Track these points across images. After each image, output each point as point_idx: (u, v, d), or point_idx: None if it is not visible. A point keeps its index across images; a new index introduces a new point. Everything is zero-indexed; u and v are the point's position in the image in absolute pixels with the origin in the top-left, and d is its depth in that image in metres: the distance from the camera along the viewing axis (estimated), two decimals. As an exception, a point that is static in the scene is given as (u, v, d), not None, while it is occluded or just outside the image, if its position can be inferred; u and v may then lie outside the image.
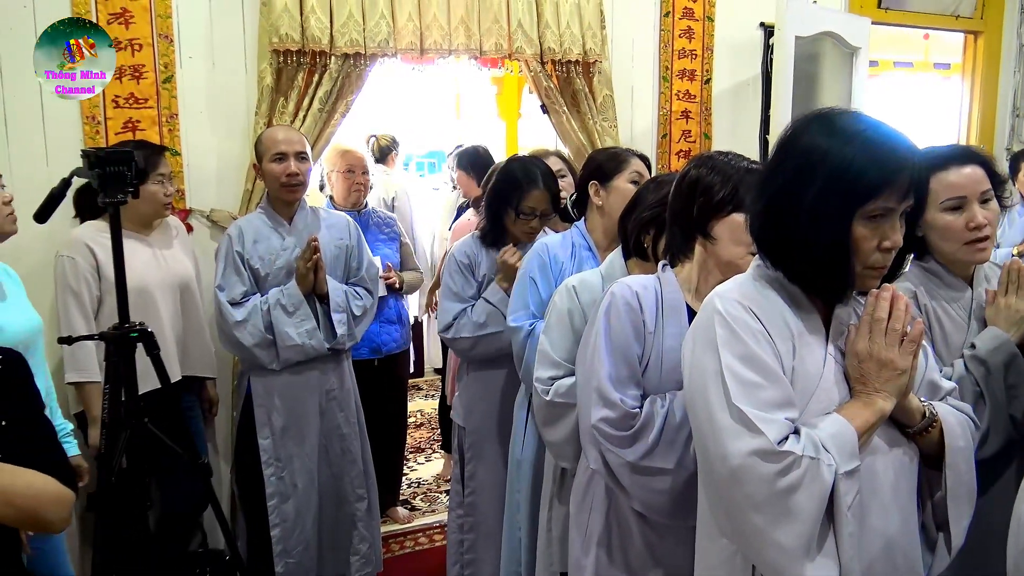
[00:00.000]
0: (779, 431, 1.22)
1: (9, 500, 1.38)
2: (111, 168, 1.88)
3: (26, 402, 1.51)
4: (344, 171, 3.54)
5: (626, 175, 2.34)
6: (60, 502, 1.48)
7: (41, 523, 1.46)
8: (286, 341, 2.72)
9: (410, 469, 4.46)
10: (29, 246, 2.76)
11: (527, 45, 3.45)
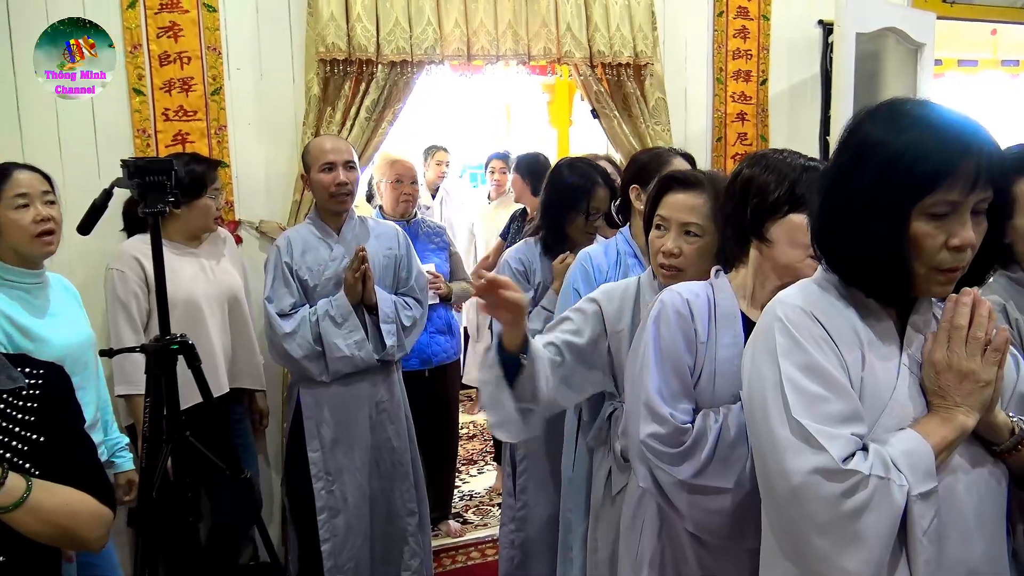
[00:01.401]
0: (844, 447, 1.12)
1: (45, 518, 1.36)
2: (151, 178, 1.87)
3: (66, 418, 1.49)
4: (393, 181, 3.51)
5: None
6: (97, 520, 1.45)
7: (77, 541, 1.43)
8: (335, 352, 2.68)
9: (462, 482, 4.40)
10: (83, 258, 2.80)
11: (576, 49, 3.38)
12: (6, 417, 1.40)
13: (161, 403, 1.93)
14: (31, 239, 2.10)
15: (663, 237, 1.84)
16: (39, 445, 1.42)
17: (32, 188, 2.12)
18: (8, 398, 1.42)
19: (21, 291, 2.12)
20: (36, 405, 1.44)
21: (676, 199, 1.83)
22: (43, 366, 1.51)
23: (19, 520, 1.33)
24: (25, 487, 1.34)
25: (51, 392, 1.47)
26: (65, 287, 2.33)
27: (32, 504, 1.34)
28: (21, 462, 1.38)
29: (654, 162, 2.28)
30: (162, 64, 2.95)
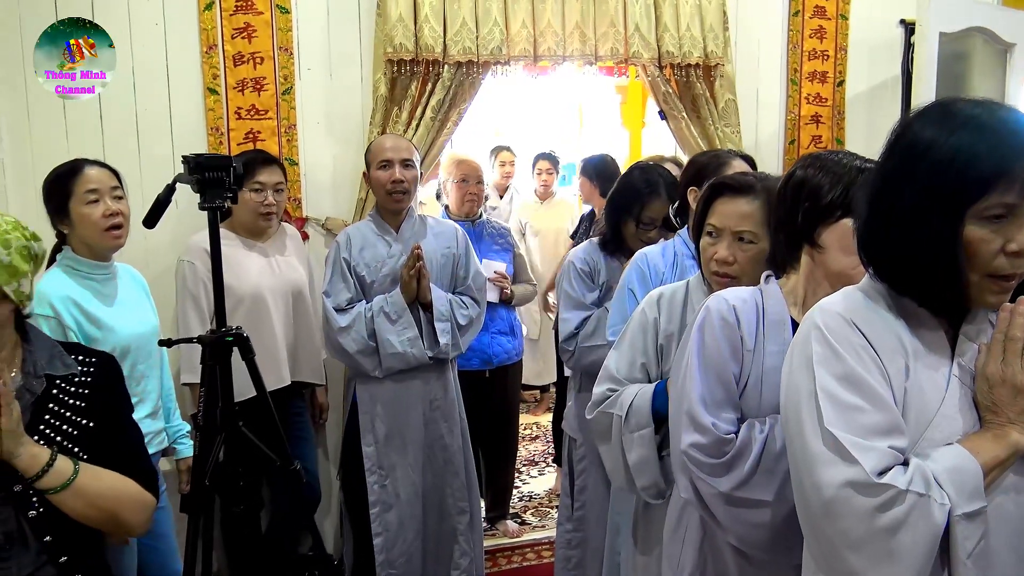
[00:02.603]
0: (878, 461, 1.07)
1: (90, 501, 1.42)
2: (209, 174, 1.92)
3: (115, 405, 1.55)
4: (459, 180, 3.53)
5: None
6: (140, 506, 1.50)
7: (120, 525, 1.48)
8: (388, 349, 2.71)
9: (522, 482, 4.40)
10: (157, 251, 2.90)
11: (644, 49, 3.34)
12: (58, 402, 1.47)
13: (215, 393, 1.99)
14: (100, 233, 2.19)
15: (715, 244, 1.79)
16: (88, 430, 1.48)
17: (102, 184, 2.21)
18: (61, 384, 1.48)
19: (92, 281, 2.22)
20: (87, 392, 1.50)
21: (727, 206, 1.78)
22: (95, 355, 1.57)
23: (65, 501, 1.39)
24: (72, 470, 1.40)
25: (101, 380, 1.54)
26: (134, 278, 2.43)
27: (78, 487, 1.40)
28: (70, 446, 1.45)
29: (712, 164, 2.23)
30: (236, 64, 3.04)
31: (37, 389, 1.45)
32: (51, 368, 1.48)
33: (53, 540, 1.41)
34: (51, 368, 1.48)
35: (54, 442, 1.43)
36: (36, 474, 1.36)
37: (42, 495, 1.38)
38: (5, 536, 1.37)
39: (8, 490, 1.38)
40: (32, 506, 1.39)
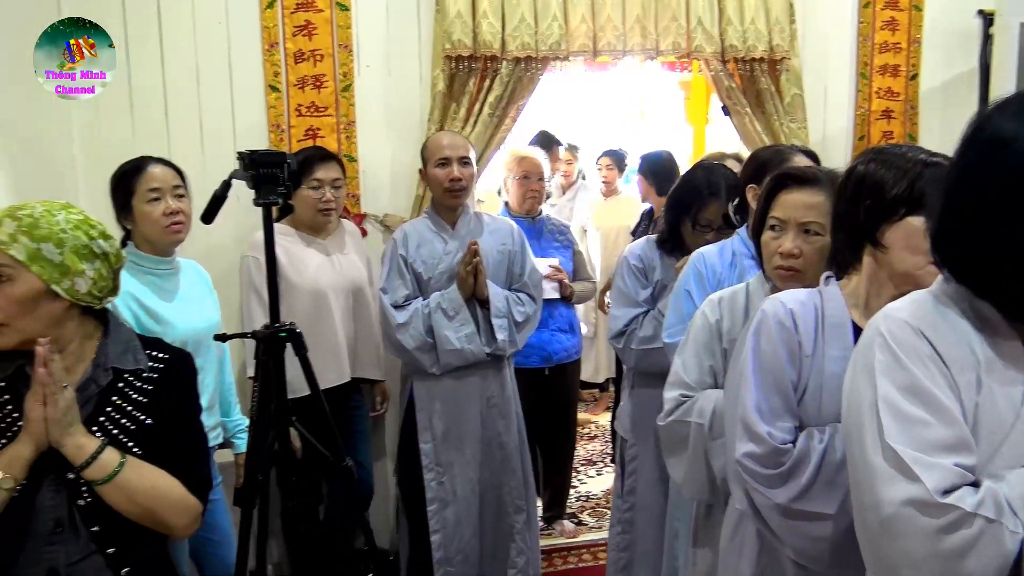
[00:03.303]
0: (943, 479, 1.01)
1: (131, 497, 1.43)
2: (264, 170, 1.93)
3: (179, 406, 1.56)
4: (520, 177, 3.51)
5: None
6: (182, 509, 1.50)
7: (161, 524, 1.49)
8: (445, 345, 2.71)
9: (579, 482, 4.36)
10: (222, 247, 2.95)
11: (707, 43, 3.27)
12: (122, 396, 1.48)
13: (269, 388, 2.00)
14: (161, 230, 2.23)
15: (779, 238, 1.73)
16: (146, 427, 1.48)
17: (164, 182, 2.25)
18: (128, 378, 1.50)
19: (153, 276, 2.26)
20: (152, 388, 1.51)
21: (793, 197, 1.71)
22: (170, 352, 1.58)
23: (107, 494, 1.41)
24: (117, 464, 1.41)
25: (170, 378, 1.54)
26: (198, 274, 2.47)
27: (120, 481, 1.41)
28: (126, 440, 1.46)
29: (774, 160, 2.15)
30: (296, 61, 3.07)
31: (102, 381, 1.47)
32: (121, 362, 1.49)
33: (101, 530, 1.43)
34: (121, 362, 1.49)
35: (110, 435, 1.44)
36: (81, 464, 1.39)
37: (91, 485, 1.41)
38: (55, 522, 1.40)
39: (63, 477, 1.41)
40: (82, 495, 1.41)
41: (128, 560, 1.46)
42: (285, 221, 2.87)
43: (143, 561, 1.49)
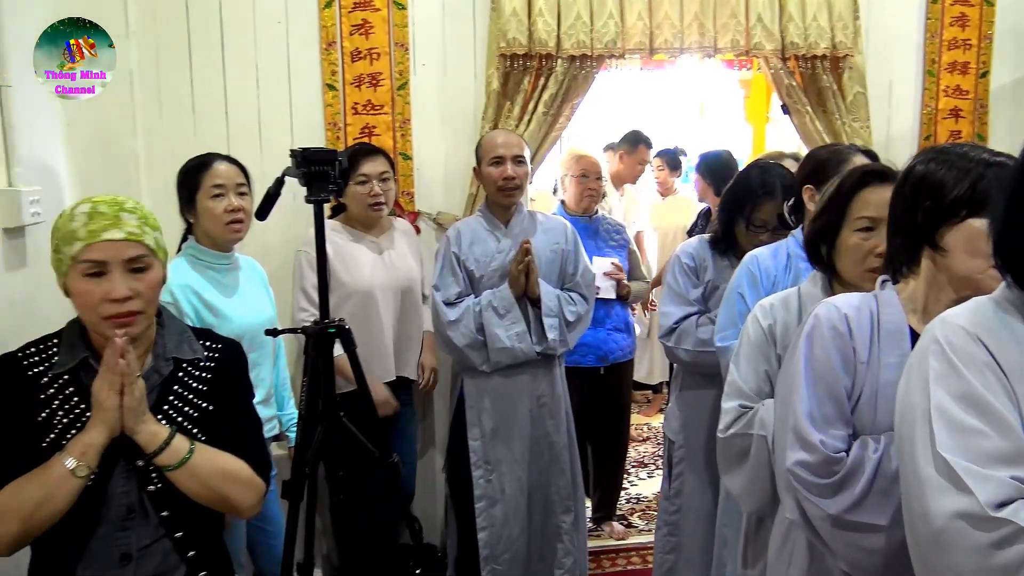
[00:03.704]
0: (997, 492, 0.96)
1: (203, 480, 1.47)
2: (315, 167, 1.96)
3: (236, 391, 1.61)
4: (578, 175, 3.50)
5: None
6: (250, 489, 1.55)
7: (230, 506, 1.53)
8: (496, 343, 2.71)
9: (630, 484, 4.32)
10: (277, 243, 3.00)
11: (767, 40, 3.21)
12: (182, 384, 1.53)
13: (318, 383, 2.03)
14: (222, 227, 2.28)
15: (873, 238, 1.64)
16: (208, 413, 1.54)
17: (228, 180, 2.30)
18: (187, 368, 1.55)
19: (212, 271, 2.31)
20: (210, 376, 1.56)
21: (882, 195, 1.60)
22: (222, 341, 1.64)
23: (180, 479, 1.45)
24: (188, 450, 1.46)
25: (225, 366, 1.59)
26: (255, 270, 2.52)
27: (192, 466, 1.45)
28: (190, 427, 1.51)
29: (832, 160, 2.10)
30: (353, 60, 3.11)
31: (164, 371, 1.52)
32: (179, 352, 1.54)
33: (170, 515, 1.48)
34: (179, 352, 1.54)
35: (175, 422, 1.49)
36: (154, 451, 1.43)
37: (161, 471, 1.45)
38: (127, 508, 1.45)
39: (132, 464, 1.45)
40: (152, 481, 1.46)
41: (193, 544, 1.51)
42: (339, 219, 2.91)
43: (205, 545, 1.55)
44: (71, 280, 1.42)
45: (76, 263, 1.40)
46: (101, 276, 1.41)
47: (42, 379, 1.44)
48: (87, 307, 1.42)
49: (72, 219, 1.42)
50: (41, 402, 1.42)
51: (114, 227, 1.42)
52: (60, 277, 1.45)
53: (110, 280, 1.41)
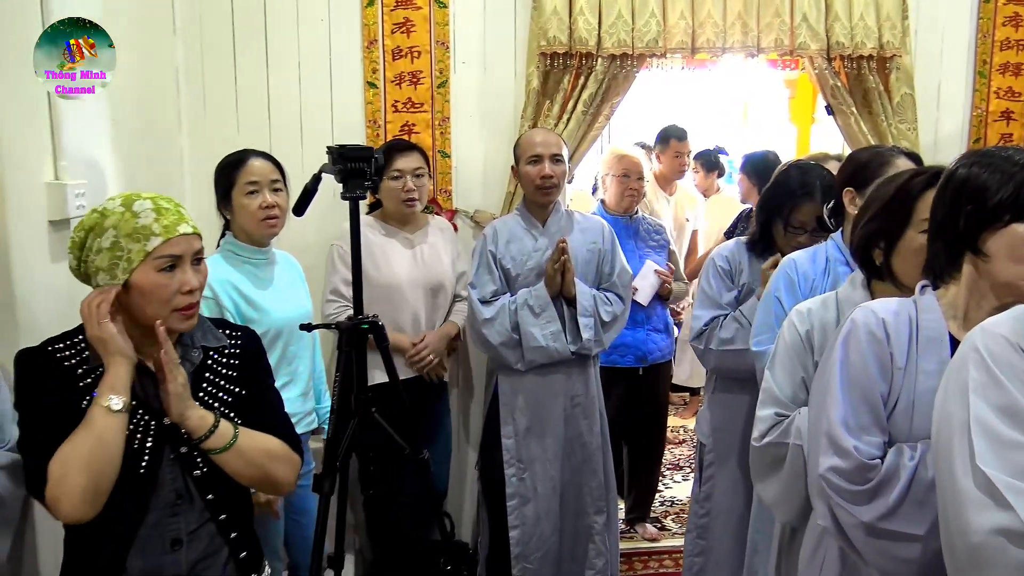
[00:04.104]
0: None
1: (249, 460, 1.52)
2: (351, 164, 1.97)
3: (260, 374, 1.66)
4: (619, 175, 3.48)
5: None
6: (289, 464, 1.60)
7: (272, 483, 1.59)
8: (531, 342, 2.71)
9: (664, 486, 4.29)
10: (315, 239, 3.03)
11: (812, 40, 3.15)
12: (213, 372, 1.58)
13: (351, 378, 2.05)
14: (257, 223, 2.31)
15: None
16: (240, 397, 1.58)
17: (263, 176, 2.32)
18: (215, 356, 1.59)
19: (250, 266, 2.34)
20: (237, 362, 1.61)
21: None
22: (239, 328, 1.68)
23: (228, 461, 1.49)
24: (233, 432, 1.50)
25: (248, 352, 1.64)
26: (291, 265, 2.54)
27: (239, 447, 1.50)
28: (226, 411, 1.55)
29: (874, 162, 2.05)
30: (394, 58, 3.12)
31: (196, 360, 1.56)
32: (205, 341, 1.58)
33: (215, 499, 1.52)
34: (205, 341, 1.58)
35: (212, 408, 1.52)
36: (203, 435, 1.47)
37: (205, 456, 1.49)
38: (175, 493, 1.49)
39: (176, 451, 1.49)
40: (197, 466, 1.50)
41: (235, 526, 1.56)
42: (375, 214, 2.93)
43: (243, 528, 1.59)
44: (141, 275, 1.44)
45: (152, 258, 1.44)
46: (174, 269, 1.46)
47: (78, 370, 1.47)
48: (160, 301, 1.46)
49: (136, 216, 1.45)
50: (80, 391, 1.45)
51: (182, 221, 1.48)
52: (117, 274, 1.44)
53: (183, 272, 1.47)
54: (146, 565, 1.46)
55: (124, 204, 1.47)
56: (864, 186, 2.01)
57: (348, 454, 2.04)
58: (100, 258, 1.45)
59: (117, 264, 1.44)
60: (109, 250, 1.44)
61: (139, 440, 1.45)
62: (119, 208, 1.46)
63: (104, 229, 1.45)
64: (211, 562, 1.53)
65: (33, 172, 1.97)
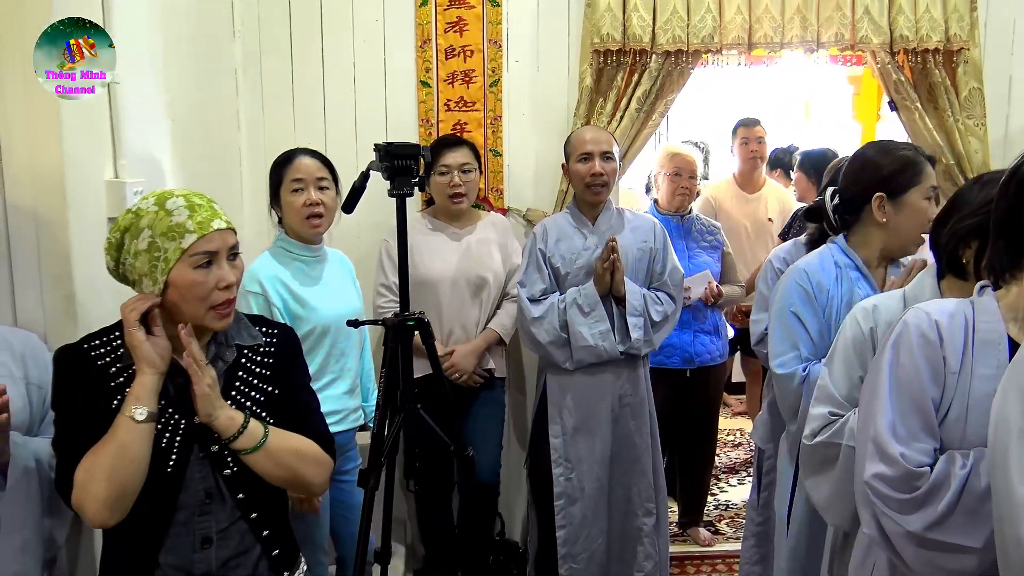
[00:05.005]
0: None
1: (278, 460, 1.51)
2: (398, 162, 1.99)
3: (295, 374, 1.64)
4: (671, 174, 3.44)
5: (923, 189, 1.95)
6: (320, 466, 1.59)
7: (303, 483, 1.58)
8: (579, 341, 2.69)
9: (719, 490, 4.23)
10: (368, 236, 3.07)
11: (874, 34, 3.07)
12: (246, 371, 1.57)
13: (396, 374, 2.06)
14: (301, 221, 2.34)
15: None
16: (273, 396, 1.57)
17: (308, 174, 2.35)
18: (249, 353, 1.58)
19: (300, 263, 2.37)
20: (271, 361, 1.60)
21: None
22: (277, 326, 1.67)
23: (257, 461, 1.49)
24: (263, 432, 1.49)
25: (283, 350, 1.63)
26: (342, 263, 2.57)
27: (268, 447, 1.49)
28: (258, 410, 1.54)
29: (909, 171, 1.94)
30: (447, 57, 3.14)
31: (228, 358, 1.55)
32: (240, 339, 1.58)
33: (245, 498, 1.52)
34: (240, 339, 1.58)
35: (243, 407, 1.52)
36: (232, 435, 1.46)
37: (235, 455, 1.48)
38: (205, 492, 1.49)
39: (207, 450, 1.49)
40: (227, 465, 1.50)
41: (266, 524, 1.55)
42: (428, 211, 2.96)
43: (276, 526, 1.59)
44: (178, 274, 1.43)
45: (187, 256, 1.44)
46: (210, 265, 1.46)
47: (111, 368, 1.47)
48: (198, 298, 1.45)
49: (170, 214, 1.44)
50: (112, 390, 1.46)
51: (216, 216, 1.48)
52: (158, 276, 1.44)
53: (219, 268, 1.47)
54: (177, 562, 1.48)
55: (157, 203, 1.47)
56: (899, 194, 1.95)
57: (393, 449, 2.05)
58: (140, 262, 1.45)
59: (156, 266, 1.44)
60: (147, 252, 1.44)
61: (167, 439, 1.46)
62: (152, 207, 1.46)
63: (140, 230, 1.45)
64: (242, 560, 1.53)
65: (93, 170, 2.03)
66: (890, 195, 1.97)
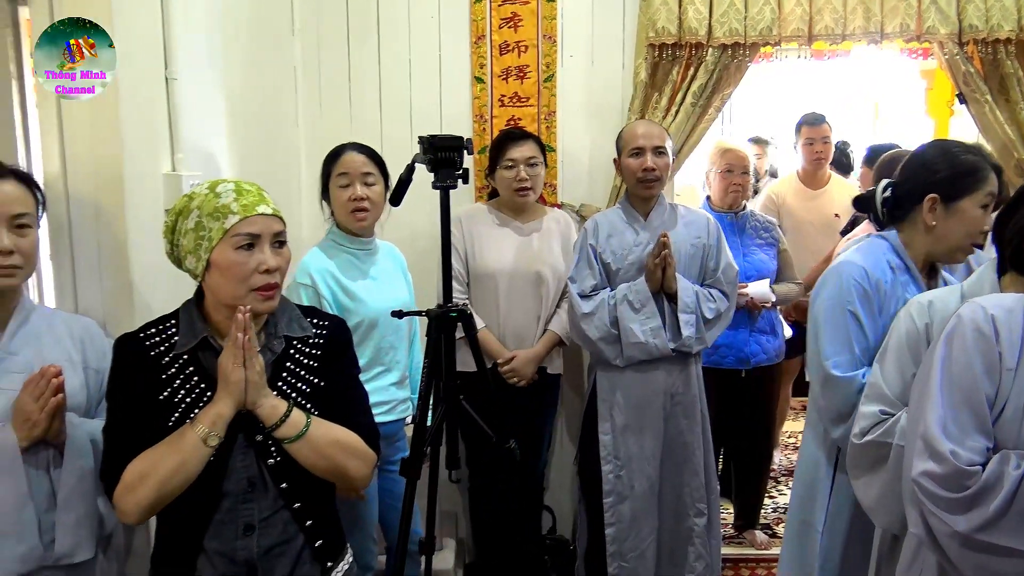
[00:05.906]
0: None
1: (320, 451, 1.53)
2: (442, 154, 2.00)
3: (343, 367, 1.66)
4: (723, 170, 3.38)
5: (979, 197, 1.84)
6: (363, 459, 1.60)
7: (344, 476, 1.58)
8: (630, 338, 2.66)
9: (778, 492, 4.14)
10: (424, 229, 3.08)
11: (941, 24, 2.97)
12: (294, 362, 1.59)
13: (439, 365, 2.07)
14: (347, 215, 2.37)
15: None
16: (319, 388, 1.59)
17: (354, 169, 2.37)
18: (298, 345, 1.61)
19: (350, 256, 2.41)
20: (319, 353, 1.61)
21: None
22: (328, 318, 1.69)
23: (298, 451, 1.51)
24: (305, 422, 1.51)
25: (333, 342, 1.64)
26: (393, 256, 2.60)
27: (310, 438, 1.51)
28: (303, 401, 1.56)
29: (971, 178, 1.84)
30: (502, 53, 3.15)
31: (277, 349, 1.58)
32: (289, 330, 1.60)
33: (288, 487, 1.54)
34: (289, 330, 1.60)
35: (289, 397, 1.54)
36: (275, 424, 1.48)
37: (279, 445, 1.51)
38: (248, 481, 1.52)
39: (251, 439, 1.52)
40: (271, 454, 1.52)
41: (310, 514, 1.57)
42: (491, 203, 2.97)
43: (321, 516, 1.60)
44: (220, 253, 1.48)
45: (230, 236, 1.47)
46: (252, 248, 1.49)
47: (163, 359, 1.51)
48: (238, 279, 1.48)
49: (218, 196, 1.50)
50: (163, 382, 1.50)
51: (262, 202, 1.52)
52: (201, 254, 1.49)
53: (261, 252, 1.50)
54: (220, 547, 1.50)
55: (209, 187, 1.53)
56: (954, 199, 1.85)
57: (437, 439, 2.07)
58: (187, 240, 1.51)
59: (200, 244, 1.49)
60: (193, 231, 1.50)
61: None
62: (204, 191, 1.52)
63: (190, 211, 1.51)
64: (285, 548, 1.55)
65: (151, 164, 2.10)
66: (944, 198, 1.87)
